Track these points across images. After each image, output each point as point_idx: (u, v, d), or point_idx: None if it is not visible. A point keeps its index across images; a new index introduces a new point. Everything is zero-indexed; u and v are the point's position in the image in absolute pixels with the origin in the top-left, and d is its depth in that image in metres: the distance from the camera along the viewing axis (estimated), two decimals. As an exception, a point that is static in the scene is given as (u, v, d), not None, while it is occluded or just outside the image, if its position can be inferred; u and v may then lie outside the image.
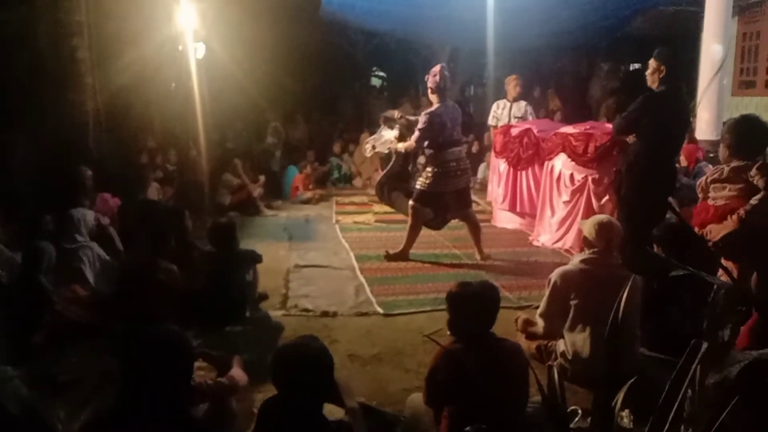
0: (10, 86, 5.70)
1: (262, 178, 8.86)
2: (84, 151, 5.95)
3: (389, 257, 5.91)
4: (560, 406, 1.82)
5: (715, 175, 3.91)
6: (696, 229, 3.93)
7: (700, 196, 4.04)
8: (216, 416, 2.86)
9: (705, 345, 1.80)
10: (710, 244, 3.77)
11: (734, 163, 3.80)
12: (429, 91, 5.82)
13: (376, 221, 7.69)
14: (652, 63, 4.50)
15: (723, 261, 3.61)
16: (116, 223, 5.40)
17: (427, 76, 5.84)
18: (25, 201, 5.00)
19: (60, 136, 5.84)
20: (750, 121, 3.98)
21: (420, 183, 5.83)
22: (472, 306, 2.62)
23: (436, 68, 5.79)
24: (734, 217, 3.63)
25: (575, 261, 3.58)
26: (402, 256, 5.92)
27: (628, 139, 5.05)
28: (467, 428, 2.02)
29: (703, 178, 4.15)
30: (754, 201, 3.64)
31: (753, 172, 3.64)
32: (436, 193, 5.76)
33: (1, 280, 4.27)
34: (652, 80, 4.51)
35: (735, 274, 3.48)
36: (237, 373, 2.98)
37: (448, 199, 5.84)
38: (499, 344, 2.65)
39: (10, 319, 3.93)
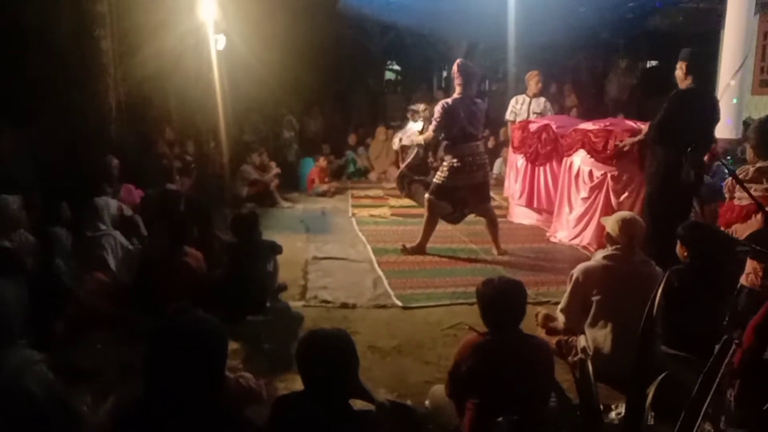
0: (33, 75, 5.76)
1: (274, 165, 8.85)
2: (106, 141, 6.01)
3: (406, 251, 5.94)
4: (594, 400, 1.84)
5: (741, 175, 3.90)
6: (722, 229, 3.94)
7: (727, 196, 4.04)
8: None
9: (735, 344, 1.80)
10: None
11: (759, 164, 3.80)
12: (454, 82, 5.89)
13: (392, 215, 7.71)
14: (679, 63, 4.51)
15: (748, 261, 3.61)
16: (138, 214, 5.45)
17: (447, 70, 5.91)
18: (48, 190, 5.04)
19: (83, 126, 5.89)
20: None
21: (437, 177, 5.85)
22: (499, 301, 2.64)
23: (458, 61, 5.83)
24: (758, 216, 3.63)
25: (598, 257, 3.58)
26: (419, 249, 5.94)
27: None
28: (499, 419, 2.04)
29: (730, 178, 4.15)
30: None
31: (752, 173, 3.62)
32: (452, 187, 5.77)
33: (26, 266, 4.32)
34: (680, 80, 4.52)
35: (760, 273, 3.47)
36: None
37: (465, 194, 5.84)
38: (526, 340, 2.67)
39: (32, 305, 3.99)
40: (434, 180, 5.89)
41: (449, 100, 5.70)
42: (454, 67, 5.79)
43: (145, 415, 1.91)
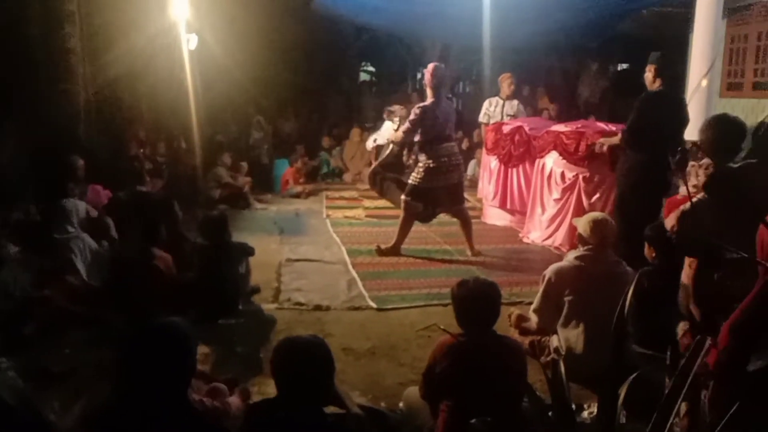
0: (0, 75, 5.63)
1: (244, 164, 8.79)
2: (75, 142, 5.90)
3: (381, 252, 5.93)
4: (567, 400, 1.84)
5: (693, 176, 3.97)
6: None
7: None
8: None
9: (708, 342, 1.82)
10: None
11: (703, 161, 3.86)
12: (425, 86, 5.88)
13: (367, 216, 7.69)
14: (648, 66, 4.57)
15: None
16: (104, 215, 5.36)
17: (421, 72, 5.94)
18: (15, 191, 4.94)
19: (51, 127, 5.78)
20: (724, 122, 3.98)
21: (412, 178, 5.86)
22: (474, 303, 2.64)
23: (431, 65, 5.83)
24: (677, 212, 3.67)
25: (570, 257, 3.61)
26: (394, 251, 5.94)
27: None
28: (473, 420, 2.04)
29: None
30: (694, 199, 3.64)
31: (701, 172, 3.66)
32: (427, 188, 5.79)
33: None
34: (649, 82, 4.58)
35: (692, 281, 3.49)
36: (234, 402, 2.93)
37: (439, 194, 5.87)
38: (500, 341, 2.68)
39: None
40: (410, 181, 5.89)
41: (428, 105, 5.71)
42: (427, 73, 5.79)
43: (116, 417, 1.93)
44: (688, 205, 3.49)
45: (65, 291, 4.32)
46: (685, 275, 3.55)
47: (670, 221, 3.64)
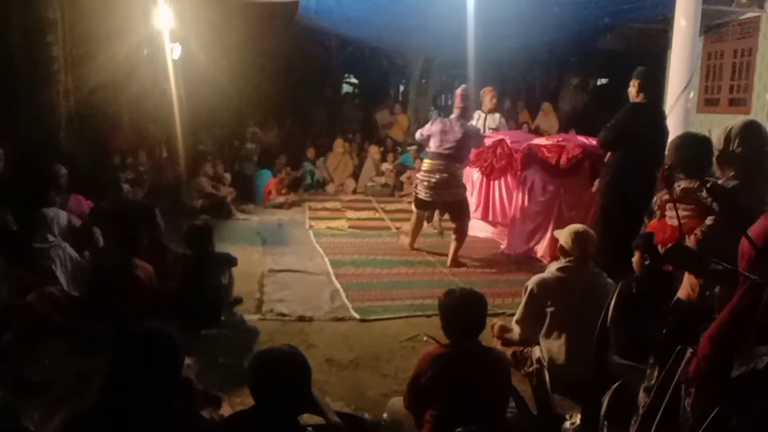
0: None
1: (227, 175, 8.80)
2: (57, 150, 5.84)
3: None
4: (552, 408, 1.87)
5: (667, 196, 3.95)
6: (659, 247, 4.01)
7: (657, 213, 4.13)
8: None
9: (689, 352, 1.86)
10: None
11: (684, 184, 3.86)
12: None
13: (350, 227, 7.71)
14: (632, 81, 4.65)
15: (686, 276, 3.70)
16: (87, 224, 5.31)
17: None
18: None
19: (32, 135, 5.72)
20: (692, 140, 4.02)
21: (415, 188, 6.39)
22: (460, 312, 2.66)
23: (461, 88, 6.38)
24: (692, 237, 3.72)
25: (552, 269, 3.65)
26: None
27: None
28: (458, 429, 2.05)
29: (657, 196, 4.22)
30: (708, 221, 3.71)
31: (704, 194, 3.69)
32: (422, 200, 6.24)
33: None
34: (632, 97, 4.67)
35: (696, 292, 3.54)
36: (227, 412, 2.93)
37: (438, 207, 6.36)
38: (485, 352, 2.70)
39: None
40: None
41: (433, 120, 6.33)
42: (459, 92, 6.26)
43: (100, 422, 1.91)
44: (705, 228, 3.50)
45: (45, 300, 4.27)
46: (686, 292, 3.60)
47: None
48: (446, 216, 6.58)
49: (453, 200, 6.10)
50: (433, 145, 6.09)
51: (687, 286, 3.61)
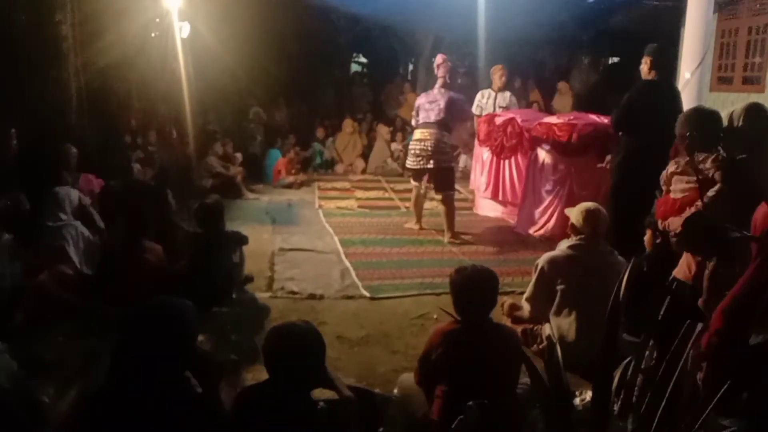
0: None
1: (239, 155, 8.81)
2: (66, 130, 5.85)
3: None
4: (565, 383, 1.88)
5: (673, 168, 3.95)
6: (659, 222, 3.99)
7: (664, 188, 4.11)
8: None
9: (699, 326, 1.86)
10: (672, 236, 3.83)
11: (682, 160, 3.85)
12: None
13: (359, 207, 7.71)
14: (644, 58, 4.60)
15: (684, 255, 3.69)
16: (96, 203, 5.33)
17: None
18: (6, 179, 4.90)
19: (42, 115, 5.73)
20: (703, 114, 4.02)
21: None
22: (471, 289, 2.67)
23: (441, 56, 6.37)
24: (692, 209, 3.70)
25: (562, 247, 3.65)
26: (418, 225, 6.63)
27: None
28: (470, 403, 2.07)
29: (665, 171, 4.20)
30: (711, 193, 3.68)
31: (708, 164, 3.67)
32: (411, 168, 6.38)
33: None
34: (644, 74, 4.62)
35: (694, 268, 3.53)
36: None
37: (427, 175, 6.33)
38: (496, 329, 2.71)
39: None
40: None
41: (426, 92, 6.41)
42: (439, 60, 6.27)
43: (113, 400, 1.92)
44: (707, 199, 3.49)
45: (57, 279, 4.30)
46: (683, 272, 3.59)
47: (674, 224, 3.67)
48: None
49: (438, 167, 6.12)
50: (422, 117, 6.20)
51: (684, 265, 3.60)
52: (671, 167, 3.99)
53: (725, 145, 3.39)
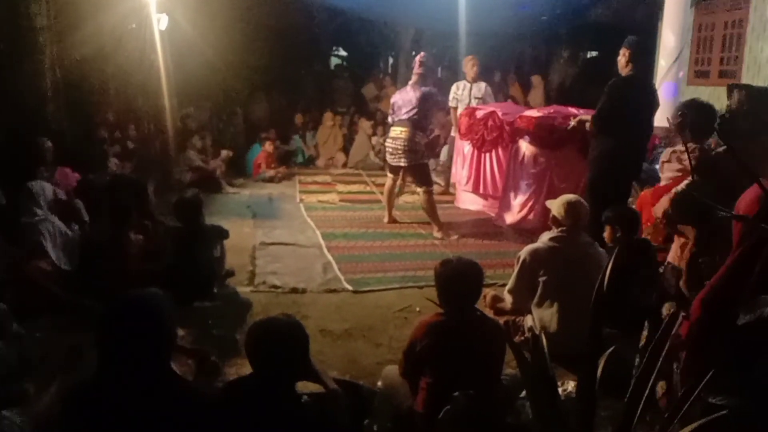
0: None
1: (224, 152, 8.77)
2: (42, 123, 5.74)
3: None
4: (550, 373, 1.89)
5: (663, 158, 4.10)
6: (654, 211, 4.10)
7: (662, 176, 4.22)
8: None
9: (682, 316, 1.88)
10: (660, 218, 3.92)
11: (677, 147, 3.99)
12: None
13: (341, 200, 7.70)
14: (622, 50, 4.63)
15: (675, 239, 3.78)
16: (72, 197, 5.25)
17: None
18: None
19: (17, 108, 5.62)
20: (700, 104, 4.14)
21: None
22: (456, 281, 2.68)
23: (421, 54, 6.39)
24: (668, 195, 3.79)
25: (544, 239, 3.67)
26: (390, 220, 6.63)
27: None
28: (456, 393, 2.07)
29: (659, 161, 4.34)
30: (682, 186, 3.80)
31: (685, 156, 3.78)
32: (388, 164, 6.46)
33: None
34: (621, 66, 4.65)
35: (684, 252, 3.61)
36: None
37: (403, 172, 6.41)
38: (480, 320, 2.72)
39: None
40: None
41: (400, 89, 6.39)
42: (418, 58, 6.29)
43: (97, 392, 1.92)
44: (682, 186, 3.60)
45: (35, 275, 4.24)
46: (676, 257, 3.65)
47: (661, 206, 3.75)
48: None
49: (409, 165, 6.16)
50: (396, 114, 6.22)
51: (676, 251, 3.67)
52: (663, 157, 4.12)
53: (721, 133, 3.49)
